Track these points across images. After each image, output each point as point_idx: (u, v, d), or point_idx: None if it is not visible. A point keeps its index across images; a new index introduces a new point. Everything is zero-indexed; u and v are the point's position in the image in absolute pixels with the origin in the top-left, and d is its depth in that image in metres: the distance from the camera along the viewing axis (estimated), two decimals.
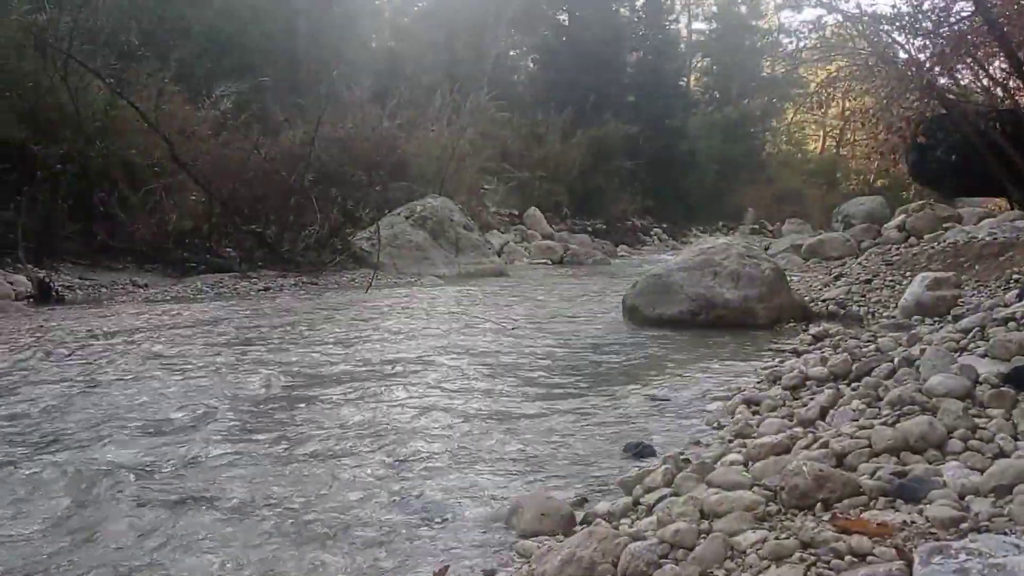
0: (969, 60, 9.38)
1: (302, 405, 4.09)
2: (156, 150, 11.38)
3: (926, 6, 9.19)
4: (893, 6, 10.29)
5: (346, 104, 16.49)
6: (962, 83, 10.22)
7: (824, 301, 7.44)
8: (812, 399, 3.22)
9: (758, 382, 4.29)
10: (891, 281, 7.61)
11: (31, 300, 8.66)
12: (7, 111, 10.24)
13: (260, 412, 3.95)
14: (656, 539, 1.86)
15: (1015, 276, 6.10)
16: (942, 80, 9.68)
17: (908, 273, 7.43)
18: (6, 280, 8.74)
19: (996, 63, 9.46)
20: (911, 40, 9.65)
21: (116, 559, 2.33)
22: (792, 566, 1.58)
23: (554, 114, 25.42)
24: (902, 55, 9.65)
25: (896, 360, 3.23)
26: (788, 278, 7.59)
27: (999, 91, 9.68)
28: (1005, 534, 1.57)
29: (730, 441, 3.02)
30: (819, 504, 1.91)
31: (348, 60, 20.77)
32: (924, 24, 9.26)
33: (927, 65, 9.15)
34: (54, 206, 10.46)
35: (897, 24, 9.43)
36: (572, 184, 24.30)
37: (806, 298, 7.60)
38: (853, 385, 3.30)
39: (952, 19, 9.01)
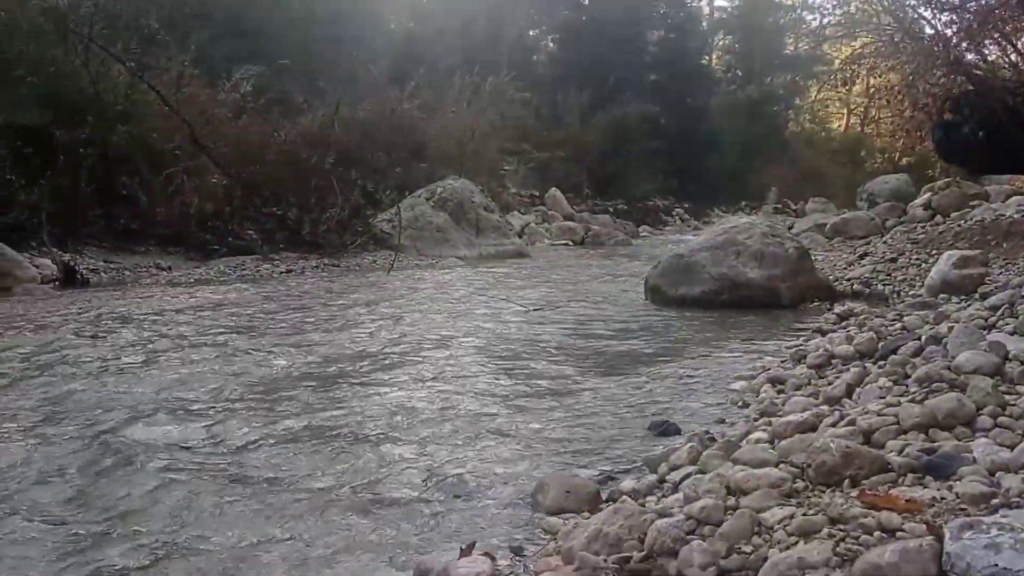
0: (997, 35, 9.23)
1: (327, 385, 4.12)
2: (177, 134, 11.40)
3: None
4: None
5: (365, 86, 16.47)
6: (989, 59, 10.05)
7: (849, 280, 7.38)
8: (838, 377, 3.20)
9: (782, 361, 4.27)
10: (917, 260, 7.54)
11: (56, 283, 8.75)
12: (29, 96, 10.31)
13: (286, 392, 3.98)
14: (683, 516, 1.86)
15: None
16: (969, 56, 9.53)
17: (934, 252, 7.35)
18: (32, 263, 8.83)
19: None
20: (937, 15, 9.51)
21: (146, 533, 2.36)
22: (820, 542, 1.57)
23: (574, 94, 25.26)
24: (928, 30, 9.52)
25: (923, 338, 3.20)
26: (812, 257, 7.53)
27: None
28: None
29: (755, 420, 3.01)
30: (847, 481, 1.90)
31: (366, 42, 20.73)
32: None
33: (954, 40, 9.01)
34: (77, 190, 10.54)
35: None
36: (593, 164, 24.18)
37: (830, 277, 7.54)
38: (879, 363, 3.28)
39: None
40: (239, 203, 11.98)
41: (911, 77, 9.52)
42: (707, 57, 36.47)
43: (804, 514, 1.72)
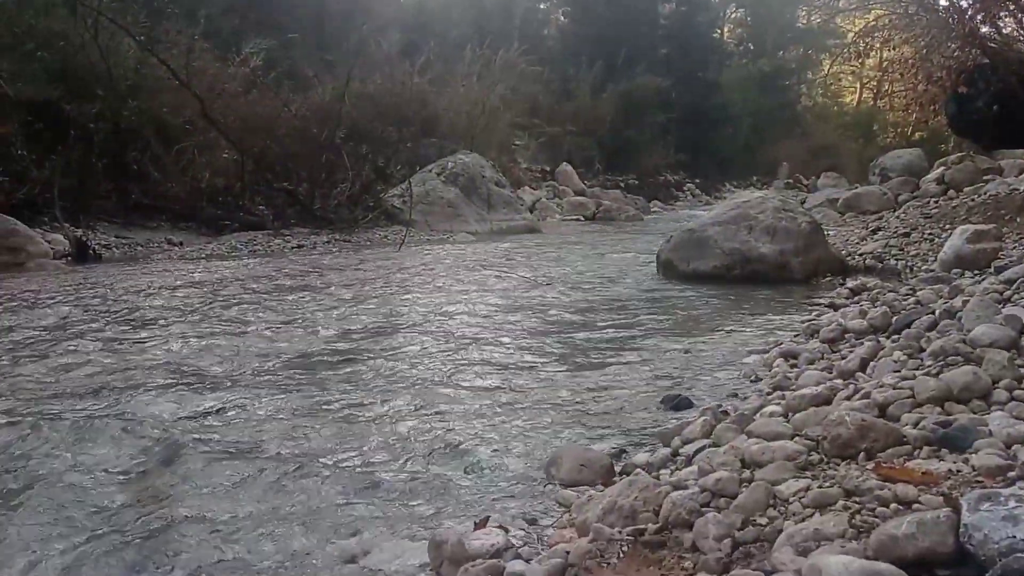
0: (1012, 7, 9.09)
1: (338, 359, 4.14)
2: (187, 108, 11.41)
3: None
4: None
5: (375, 60, 16.39)
6: (1004, 31, 9.91)
7: (861, 255, 7.34)
8: (852, 351, 3.19)
9: (795, 336, 4.26)
10: (930, 234, 7.48)
11: (69, 258, 8.80)
12: (39, 70, 10.31)
13: (299, 366, 4.00)
14: (697, 488, 1.86)
15: None
16: (984, 28, 9.40)
17: (947, 226, 7.30)
18: (44, 239, 8.87)
19: None
20: None
21: (161, 505, 2.38)
22: (836, 514, 1.57)
23: (585, 68, 25.07)
24: (943, 3, 9.38)
25: (938, 312, 3.18)
26: (824, 232, 7.48)
27: None
28: None
29: (768, 394, 3.00)
30: (862, 454, 1.90)
31: (376, 15, 20.60)
32: None
33: (969, 13, 8.88)
34: (88, 165, 10.55)
35: None
36: (604, 139, 24.05)
37: (843, 252, 7.50)
38: (893, 337, 3.26)
39: None
40: (250, 178, 11.99)
41: (925, 50, 9.42)
42: (719, 30, 36.13)
43: (820, 486, 1.72)
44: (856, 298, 5.07)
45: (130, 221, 10.82)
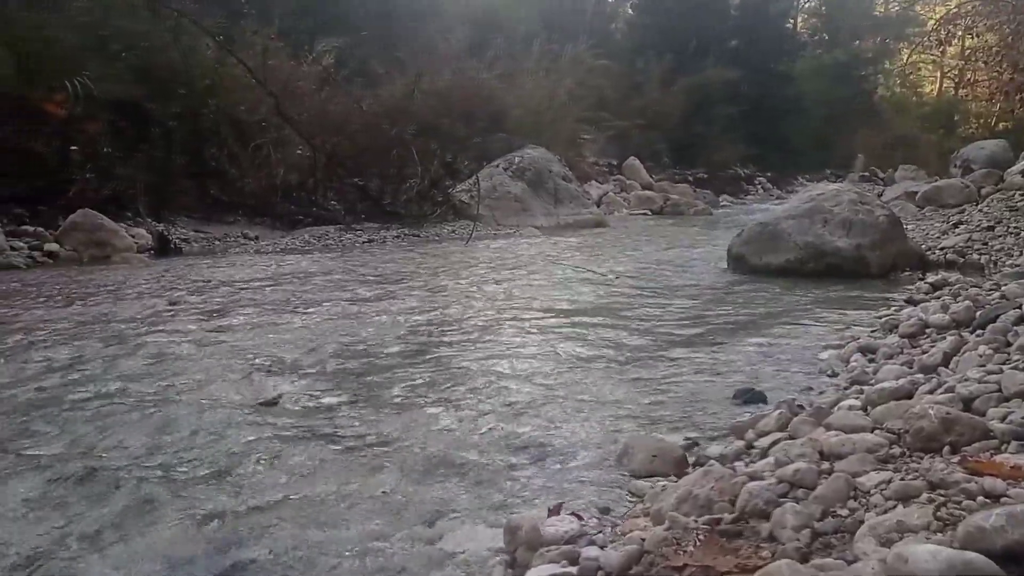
0: None
1: (411, 351, 4.20)
2: (263, 106, 11.70)
3: None
4: None
5: (443, 56, 16.52)
6: None
7: (942, 250, 7.13)
8: (933, 346, 3.11)
9: (873, 331, 4.18)
10: (1015, 228, 7.23)
11: (152, 252, 9.11)
12: (124, 71, 10.68)
13: (371, 356, 4.08)
14: (775, 479, 1.85)
15: None
16: None
17: None
18: (128, 233, 9.20)
19: None
20: None
21: (242, 484, 2.46)
22: (920, 506, 1.55)
23: (653, 61, 24.84)
24: None
25: None
26: (903, 226, 7.29)
27: None
28: None
29: (845, 388, 2.95)
30: (946, 447, 1.86)
31: (444, 12, 20.76)
32: None
33: None
34: (169, 162, 10.91)
35: None
36: (672, 133, 23.81)
37: (923, 246, 7.29)
38: (977, 333, 3.17)
39: None
40: (322, 174, 12.23)
41: (1011, 37, 9.06)
42: (791, 21, 35.36)
43: (903, 479, 1.69)
44: (937, 293, 4.93)
45: (208, 216, 11.15)
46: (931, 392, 2.32)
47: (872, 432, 2.02)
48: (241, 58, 10.92)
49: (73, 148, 9.80)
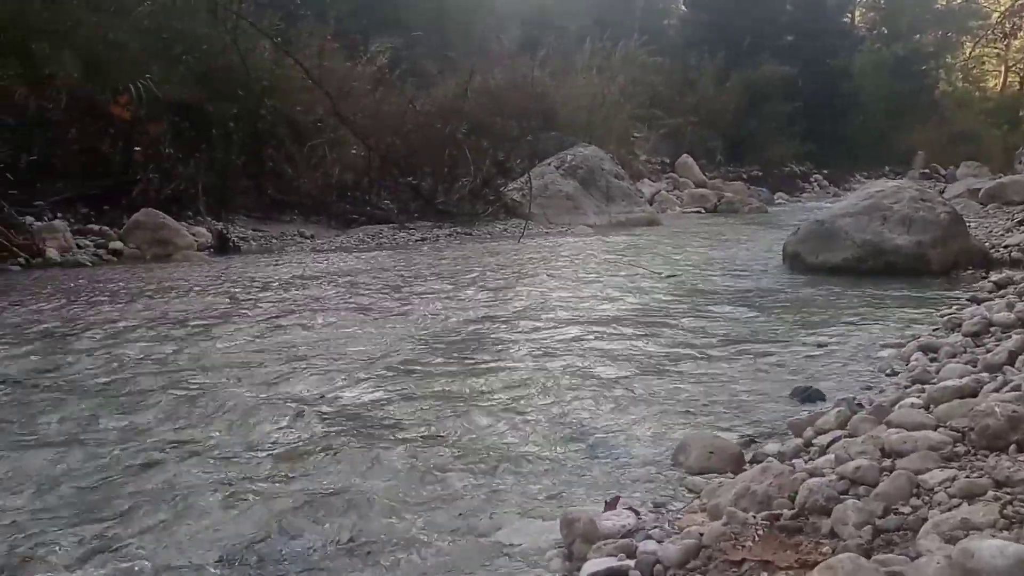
0: None
1: (465, 347, 4.24)
2: (319, 107, 11.88)
3: None
4: None
5: (495, 55, 16.58)
6: None
7: (1006, 247, 6.94)
8: (998, 345, 3.04)
9: (934, 329, 4.10)
10: None
11: (211, 250, 9.32)
12: (185, 73, 10.94)
13: (427, 352, 4.12)
14: (835, 476, 1.84)
15: None
16: None
17: None
18: (189, 231, 9.43)
19: None
20: None
21: (302, 477, 2.51)
22: (986, 504, 1.52)
23: (707, 58, 24.58)
24: None
25: None
26: (966, 223, 7.12)
27: None
28: None
29: (906, 387, 2.91)
30: (1012, 446, 1.82)
31: (496, 11, 20.83)
32: None
33: None
34: (228, 162, 11.14)
35: None
36: (726, 130, 23.53)
37: (986, 244, 7.11)
38: None
39: None
40: (376, 174, 12.37)
41: None
42: (849, 14, 34.68)
43: (967, 476, 1.67)
44: (1001, 291, 4.81)
45: (266, 215, 11.36)
46: (997, 390, 2.28)
47: (935, 430, 1.99)
48: (298, 59, 11.11)
49: (137, 149, 10.07)
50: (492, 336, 4.51)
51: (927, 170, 25.80)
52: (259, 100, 11.48)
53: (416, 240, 10.62)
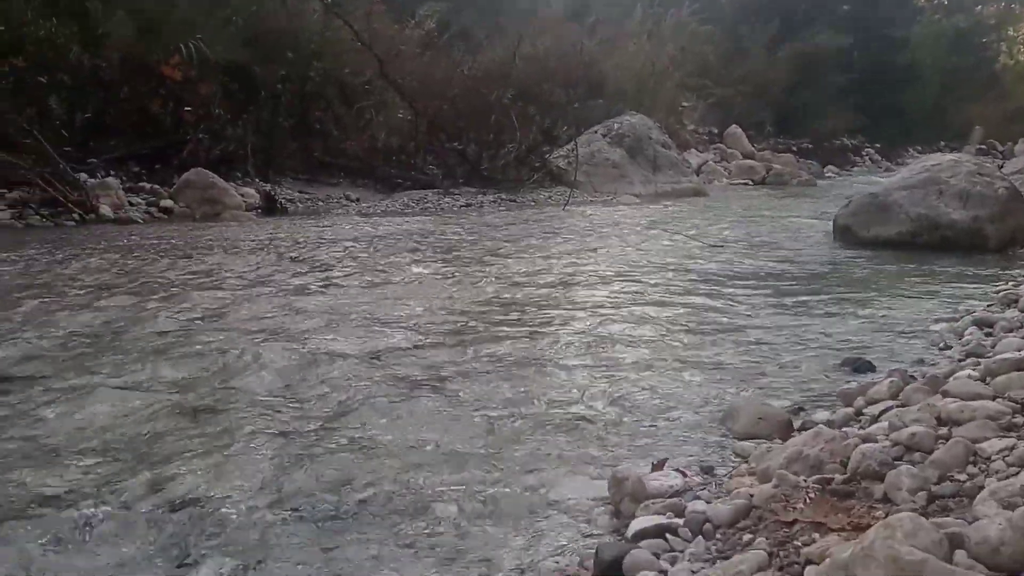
0: None
1: (511, 312, 4.25)
2: (367, 70, 11.88)
3: None
4: None
5: (544, 21, 16.40)
6: None
7: None
8: None
9: (989, 305, 4.03)
10: None
11: (259, 211, 9.42)
12: (234, 35, 11.00)
13: (471, 316, 4.14)
14: (889, 442, 1.82)
15: None
16: None
17: None
18: (238, 192, 9.53)
19: None
20: None
21: (354, 432, 2.56)
22: None
23: (759, 27, 24.06)
24: None
25: None
26: None
27: None
28: None
29: (960, 360, 2.86)
30: None
31: None
32: None
33: None
34: (276, 124, 11.21)
35: None
36: (776, 101, 23.05)
37: None
38: None
39: None
40: (423, 138, 12.36)
41: None
42: None
43: None
44: None
45: (312, 178, 11.44)
46: None
47: (993, 400, 1.96)
48: (347, 20, 11.11)
49: (187, 109, 10.18)
50: (538, 300, 4.52)
51: (983, 146, 25.08)
52: (307, 62, 11.50)
53: (461, 206, 10.63)
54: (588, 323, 3.98)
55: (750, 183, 15.95)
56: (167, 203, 8.82)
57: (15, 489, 2.13)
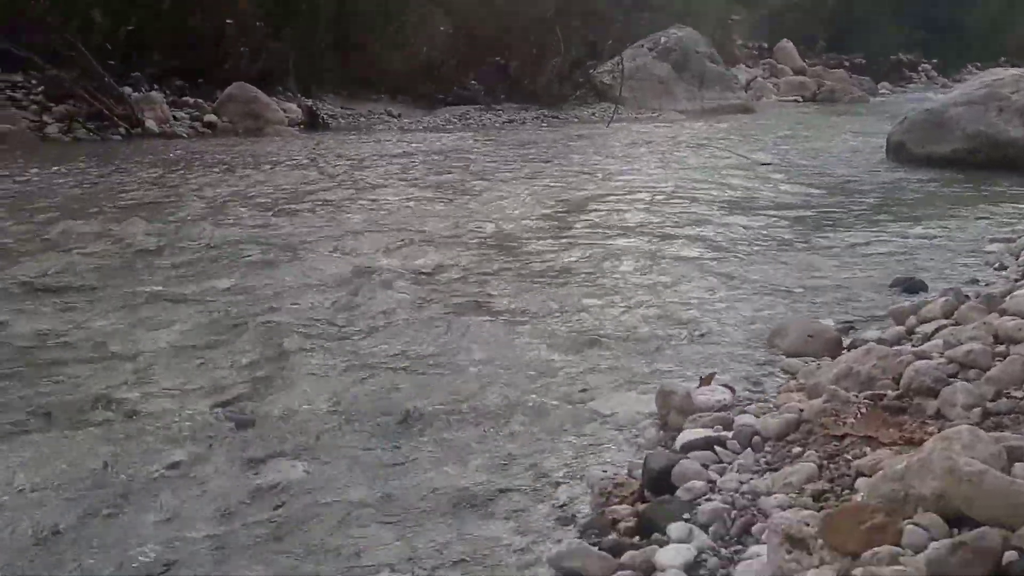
0: None
1: (555, 230, 4.24)
2: None
3: None
4: None
5: None
6: None
7: None
8: None
9: None
10: None
11: (301, 126, 9.39)
12: None
13: (517, 235, 4.14)
14: (944, 359, 1.80)
15: None
16: None
17: None
18: (280, 107, 9.50)
19: None
20: None
21: (406, 345, 2.59)
22: None
23: None
24: None
25: None
26: None
27: None
28: None
29: (1017, 280, 2.80)
30: None
31: None
32: None
33: None
34: (316, 39, 11.08)
35: None
36: (829, 14, 22.19)
37: None
38: None
39: None
40: (464, 53, 12.15)
41: None
42: None
43: None
44: None
45: (354, 94, 11.33)
46: None
47: None
48: None
49: (228, 22, 10.08)
50: (585, 217, 4.50)
51: None
52: None
53: (503, 122, 10.51)
54: (635, 242, 3.96)
55: (800, 100, 15.50)
56: (211, 118, 8.83)
57: (80, 392, 2.21)
